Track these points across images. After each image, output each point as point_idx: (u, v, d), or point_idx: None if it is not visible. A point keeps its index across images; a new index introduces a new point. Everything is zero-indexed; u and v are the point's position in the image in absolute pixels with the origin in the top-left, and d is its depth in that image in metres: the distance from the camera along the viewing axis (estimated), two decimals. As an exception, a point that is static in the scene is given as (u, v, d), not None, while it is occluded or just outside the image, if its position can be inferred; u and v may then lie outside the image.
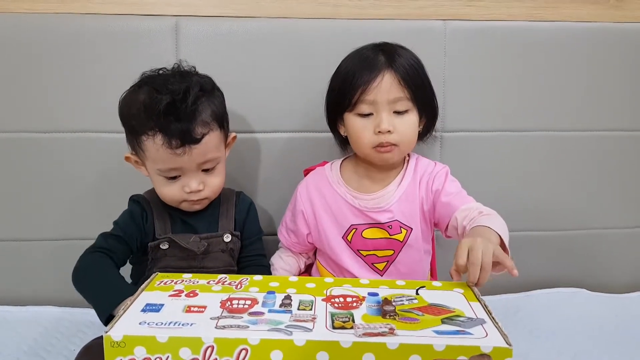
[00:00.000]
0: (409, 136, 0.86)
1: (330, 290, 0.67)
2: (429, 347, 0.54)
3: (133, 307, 0.61)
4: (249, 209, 0.93)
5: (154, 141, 0.78)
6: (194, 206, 0.85)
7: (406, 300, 0.65)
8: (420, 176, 0.90)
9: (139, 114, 0.78)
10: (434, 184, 0.89)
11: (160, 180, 0.83)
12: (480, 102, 1.10)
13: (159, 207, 0.87)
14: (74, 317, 1.07)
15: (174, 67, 0.85)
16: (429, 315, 0.61)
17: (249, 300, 0.64)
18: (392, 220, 0.89)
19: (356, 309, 0.62)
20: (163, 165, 0.80)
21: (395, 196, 0.89)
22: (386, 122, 0.83)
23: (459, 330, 0.58)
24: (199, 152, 0.79)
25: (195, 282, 0.69)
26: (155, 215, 0.86)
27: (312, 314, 0.61)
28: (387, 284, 0.70)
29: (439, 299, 0.66)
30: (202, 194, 0.83)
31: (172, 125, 0.77)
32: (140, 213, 0.86)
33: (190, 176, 0.82)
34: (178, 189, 0.82)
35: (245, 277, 0.70)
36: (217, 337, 0.55)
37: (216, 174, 0.85)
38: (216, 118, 0.82)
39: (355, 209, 0.90)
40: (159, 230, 0.85)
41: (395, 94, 0.83)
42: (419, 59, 0.89)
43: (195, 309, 0.61)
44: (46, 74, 1.03)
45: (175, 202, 0.84)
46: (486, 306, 0.64)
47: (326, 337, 0.55)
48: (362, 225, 0.90)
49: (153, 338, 0.55)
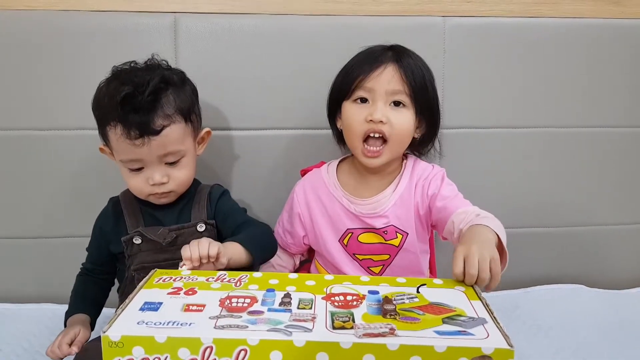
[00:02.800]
0: (402, 131, 0.84)
1: (330, 288, 0.67)
2: (430, 348, 0.54)
3: (131, 306, 0.61)
4: (221, 194, 0.91)
5: (115, 132, 0.79)
6: (160, 199, 0.86)
7: (407, 299, 0.65)
8: (416, 180, 0.89)
9: (102, 105, 0.80)
10: (429, 188, 0.88)
11: (125, 171, 0.84)
12: (480, 99, 1.10)
13: (132, 203, 0.89)
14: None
15: (146, 61, 0.86)
16: (429, 314, 0.61)
17: (248, 299, 0.63)
18: (388, 226, 0.88)
19: (356, 308, 0.62)
20: (124, 155, 0.81)
21: (391, 201, 0.88)
22: (380, 112, 0.82)
23: (460, 330, 0.57)
24: (158, 144, 0.80)
25: (194, 279, 0.68)
26: (127, 213, 0.88)
27: (312, 313, 0.60)
28: (388, 282, 0.69)
29: (440, 297, 0.65)
30: (167, 186, 0.83)
31: (130, 116, 0.78)
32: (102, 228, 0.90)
33: (153, 168, 0.82)
34: (143, 181, 0.83)
35: (245, 274, 0.70)
36: (216, 337, 0.55)
37: (181, 167, 0.84)
38: (181, 111, 0.82)
39: (351, 214, 0.89)
40: (130, 227, 0.87)
41: (394, 86, 0.82)
42: (430, 71, 0.88)
43: (194, 308, 0.61)
44: (43, 70, 1.03)
45: (142, 194, 0.85)
46: (487, 305, 0.63)
47: (326, 338, 0.55)
48: (358, 230, 0.90)
49: (151, 338, 0.55)
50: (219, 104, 1.05)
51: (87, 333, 0.83)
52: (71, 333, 0.81)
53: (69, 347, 0.79)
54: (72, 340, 0.80)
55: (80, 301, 0.89)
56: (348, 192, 0.90)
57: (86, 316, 0.87)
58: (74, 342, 0.80)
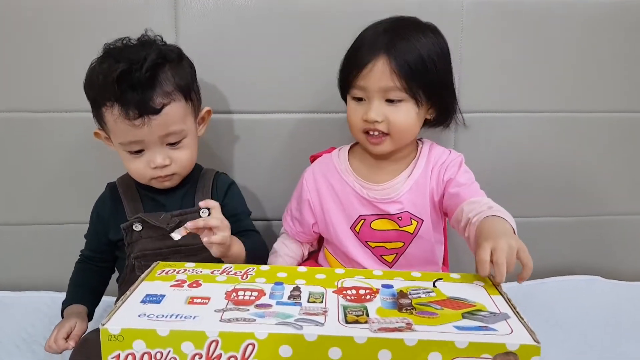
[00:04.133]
0: (402, 127, 0.80)
1: (341, 281, 0.63)
2: (450, 344, 0.51)
3: (132, 298, 0.58)
4: (228, 188, 0.89)
5: (112, 112, 0.75)
6: (164, 183, 0.83)
7: (423, 293, 0.61)
8: (432, 165, 0.86)
9: (97, 85, 0.76)
10: (445, 173, 0.85)
11: (125, 155, 0.80)
12: (498, 82, 1.05)
13: (131, 188, 0.86)
14: None
15: (140, 37, 0.82)
16: (448, 309, 0.57)
17: (256, 292, 0.60)
18: (402, 212, 0.85)
19: (370, 302, 0.58)
20: (124, 138, 0.78)
21: (406, 187, 0.85)
22: (374, 112, 0.79)
23: (482, 326, 0.54)
24: (159, 124, 0.76)
25: (199, 272, 0.65)
26: (125, 198, 0.85)
27: (323, 306, 0.57)
28: (402, 276, 0.66)
29: (458, 292, 0.62)
30: (170, 169, 0.80)
31: (128, 94, 0.74)
32: (99, 214, 0.87)
33: (154, 150, 0.79)
34: (144, 165, 0.80)
35: (252, 267, 0.66)
36: (222, 331, 0.51)
37: (183, 148, 0.81)
38: (180, 88, 0.79)
39: (364, 199, 0.86)
40: (129, 213, 0.84)
41: (386, 83, 0.77)
42: (437, 42, 0.81)
43: (198, 301, 0.57)
44: (34, 49, 0.99)
45: (144, 178, 0.82)
46: (509, 300, 0.60)
47: (339, 332, 0.51)
48: (371, 216, 0.86)
49: (153, 332, 0.51)
50: (220, 86, 1.00)
51: (84, 325, 0.81)
52: (67, 326, 0.78)
53: (66, 341, 0.76)
54: (69, 334, 0.78)
55: (78, 290, 0.86)
56: (360, 177, 0.86)
57: (83, 307, 0.84)
58: (70, 336, 0.77)
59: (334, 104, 0.93)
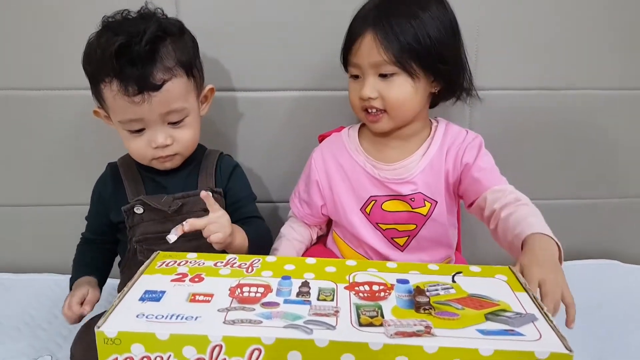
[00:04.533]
0: (398, 102, 0.76)
1: (353, 275, 0.59)
2: (474, 352, 0.46)
3: (130, 295, 0.54)
4: (232, 170, 0.86)
5: (110, 89, 0.72)
6: (165, 164, 0.80)
7: (442, 290, 0.57)
8: (448, 145, 0.81)
9: (95, 60, 0.73)
10: (464, 155, 0.80)
11: (125, 134, 0.77)
12: (518, 57, 0.99)
13: (132, 169, 0.83)
14: None
15: (139, 10, 0.78)
16: (469, 309, 0.53)
17: (262, 287, 0.56)
18: (415, 193, 0.81)
19: (384, 300, 0.54)
20: (123, 115, 0.74)
21: (420, 167, 0.81)
22: (367, 88, 0.76)
23: (507, 329, 0.50)
24: (160, 101, 0.73)
25: (201, 264, 0.61)
26: (126, 179, 0.82)
27: (334, 305, 0.53)
28: (418, 269, 0.61)
29: (479, 287, 0.57)
30: (171, 149, 0.77)
31: (127, 69, 0.71)
32: (101, 194, 0.84)
33: (155, 129, 0.76)
34: (144, 144, 0.77)
35: (257, 258, 0.62)
36: (226, 335, 0.47)
37: (185, 127, 0.78)
38: (182, 64, 0.75)
39: (375, 180, 0.82)
40: (130, 195, 0.81)
41: (375, 58, 0.74)
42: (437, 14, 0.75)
43: (200, 298, 0.53)
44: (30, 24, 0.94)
45: (145, 159, 0.79)
46: (535, 298, 0.55)
47: (352, 338, 0.47)
48: (382, 197, 0.82)
49: (152, 335, 0.48)
50: (224, 62, 0.96)
51: (97, 292, 0.77)
52: (79, 293, 0.75)
53: (80, 306, 0.73)
54: (82, 300, 0.74)
55: (84, 268, 0.83)
56: (371, 157, 0.83)
57: (92, 277, 0.81)
58: (85, 302, 0.74)
59: (338, 82, 0.87)
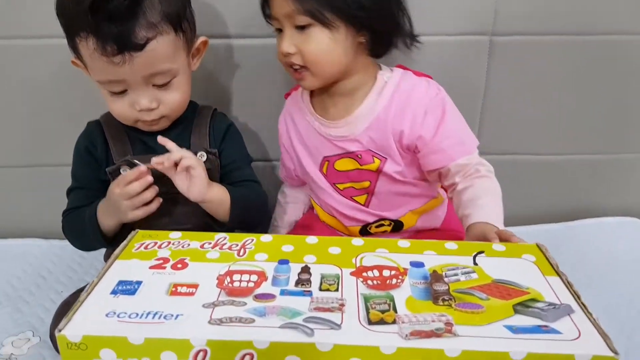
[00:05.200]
0: (316, 57, 0.69)
1: (360, 258, 0.51)
2: (504, 356, 0.39)
3: (101, 287, 0.46)
4: (226, 131, 0.78)
5: (87, 46, 0.63)
6: (151, 127, 0.72)
7: (462, 275, 0.49)
8: (402, 103, 0.72)
9: (68, 12, 0.64)
10: (424, 122, 0.71)
11: (106, 94, 0.69)
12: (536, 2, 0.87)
13: (117, 128, 0.75)
14: (63, 252, 0.98)
15: None
16: (495, 299, 0.46)
17: (255, 275, 0.48)
18: (363, 150, 0.74)
19: (397, 289, 0.47)
20: (102, 76, 0.66)
21: (364, 124, 0.73)
22: (285, 43, 0.69)
23: (541, 325, 0.42)
24: (143, 62, 0.64)
25: (186, 246, 0.53)
26: (111, 139, 0.74)
27: (339, 297, 0.46)
28: (434, 248, 0.53)
29: (504, 271, 0.50)
30: (157, 112, 0.69)
31: (104, 26, 0.61)
32: (88, 147, 0.75)
33: (138, 91, 0.67)
34: (127, 106, 0.69)
35: (250, 238, 0.54)
36: (211, 339, 0.40)
37: (173, 89, 0.70)
38: (169, 18, 0.65)
39: (324, 139, 0.77)
40: (116, 155, 0.73)
41: (285, 8, 0.68)
42: None
43: (183, 290, 0.46)
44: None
45: (129, 120, 0.71)
46: (569, 284, 0.48)
47: (361, 340, 0.40)
48: (333, 157, 0.77)
49: (124, 340, 0.40)
50: (218, 5, 0.85)
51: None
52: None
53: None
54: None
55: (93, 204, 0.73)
56: (320, 115, 0.77)
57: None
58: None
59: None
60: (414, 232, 0.81)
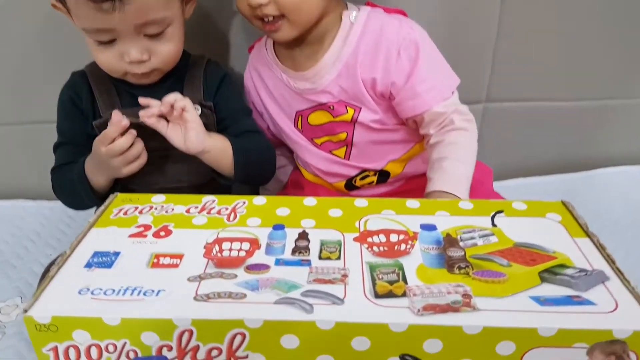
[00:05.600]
0: (297, 3, 0.61)
1: (364, 220, 0.46)
2: (531, 333, 0.34)
3: (74, 259, 0.41)
4: (221, 81, 0.71)
5: None
6: (141, 80, 0.66)
7: (479, 238, 0.44)
8: (372, 45, 0.65)
9: None
10: (399, 59, 0.64)
11: (92, 44, 0.63)
12: None
13: (103, 79, 0.68)
14: (52, 212, 0.94)
15: None
16: (518, 265, 0.41)
17: (247, 243, 0.43)
18: (335, 101, 0.68)
19: (406, 256, 0.42)
20: (88, 24, 0.60)
21: (332, 73, 0.67)
22: None
23: (572, 296, 0.37)
24: (135, 10, 0.58)
25: (170, 211, 0.48)
26: (98, 90, 0.68)
27: (341, 267, 0.40)
28: (447, 208, 0.48)
29: (527, 232, 0.44)
30: (149, 64, 0.63)
31: None
32: (72, 98, 0.69)
33: (128, 42, 0.61)
34: (116, 57, 0.62)
35: (242, 201, 0.49)
36: (197, 318, 0.35)
37: (166, 40, 0.63)
38: None
39: (294, 92, 0.71)
40: (103, 108, 0.67)
41: None
42: None
43: (166, 261, 0.41)
44: None
45: (117, 73, 0.65)
46: (601, 246, 0.43)
47: (367, 317, 0.35)
48: (306, 111, 0.71)
49: (99, 320, 0.36)
50: None
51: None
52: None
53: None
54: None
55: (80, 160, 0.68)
56: (287, 66, 0.70)
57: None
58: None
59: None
60: (404, 180, 0.75)
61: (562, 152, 1.00)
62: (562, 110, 0.95)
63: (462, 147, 0.64)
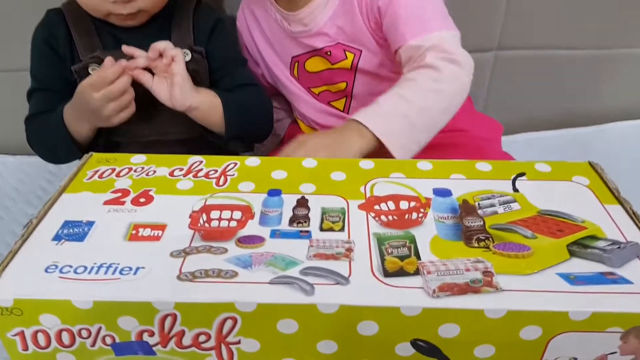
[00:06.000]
0: None
1: (371, 185, 0.41)
2: (561, 317, 0.30)
3: (40, 231, 0.36)
4: (214, 26, 0.64)
5: None
6: (126, 21, 0.60)
7: (500, 205, 0.39)
8: None
9: None
10: None
11: None
12: None
13: (82, 18, 0.61)
14: (32, 168, 0.90)
15: None
16: (543, 236, 0.36)
17: (238, 211, 0.38)
18: (332, 45, 0.62)
19: (418, 226, 0.37)
20: None
21: (327, 12, 0.61)
22: None
23: (604, 273, 0.33)
24: None
25: (151, 173, 0.42)
26: (77, 32, 0.61)
27: (346, 239, 0.36)
28: (461, 170, 0.43)
29: (552, 199, 0.40)
30: (135, 4, 0.58)
31: None
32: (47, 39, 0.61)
33: None
34: None
35: (232, 162, 0.43)
36: (181, 301, 0.31)
37: None
38: None
39: (289, 35, 0.65)
40: (82, 51, 0.60)
41: None
42: None
43: (146, 233, 0.36)
44: None
45: (99, 13, 0.59)
46: (635, 214, 0.38)
47: (375, 300, 0.31)
48: (302, 56, 0.66)
49: (67, 303, 0.31)
50: None
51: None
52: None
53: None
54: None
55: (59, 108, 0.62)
56: (282, 6, 0.64)
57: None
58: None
59: None
60: None
61: (573, 105, 0.95)
62: (574, 60, 0.89)
63: (417, 84, 0.53)
